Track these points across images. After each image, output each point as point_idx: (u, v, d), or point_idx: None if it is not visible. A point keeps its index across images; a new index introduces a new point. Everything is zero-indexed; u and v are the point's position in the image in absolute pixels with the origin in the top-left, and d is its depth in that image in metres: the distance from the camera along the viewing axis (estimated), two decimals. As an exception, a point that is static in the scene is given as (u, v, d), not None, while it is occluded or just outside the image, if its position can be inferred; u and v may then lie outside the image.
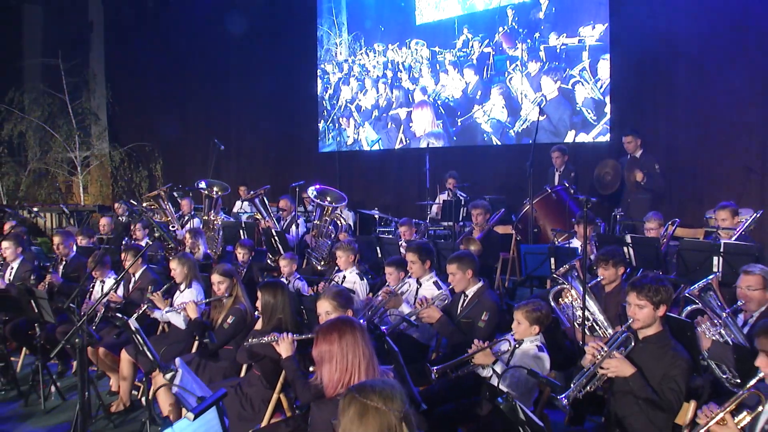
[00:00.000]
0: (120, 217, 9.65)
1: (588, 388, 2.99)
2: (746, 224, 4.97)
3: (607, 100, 8.09)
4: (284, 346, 3.35)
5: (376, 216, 8.79)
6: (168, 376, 2.78)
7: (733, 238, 4.90)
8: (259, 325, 4.02)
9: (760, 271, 3.58)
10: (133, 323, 3.94)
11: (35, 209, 11.75)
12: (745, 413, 2.35)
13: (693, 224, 6.97)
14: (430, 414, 3.35)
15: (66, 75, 14.11)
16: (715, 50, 7.69)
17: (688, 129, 7.98)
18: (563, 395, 2.95)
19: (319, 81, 11.80)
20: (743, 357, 3.00)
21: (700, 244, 4.76)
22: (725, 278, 4.31)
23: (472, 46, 9.07)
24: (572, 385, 3.00)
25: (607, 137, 8.25)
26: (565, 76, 8.31)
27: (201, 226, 8.10)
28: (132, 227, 8.06)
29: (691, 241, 5.05)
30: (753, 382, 2.39)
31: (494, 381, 3.32)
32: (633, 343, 3.02)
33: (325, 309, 3.38)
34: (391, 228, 8.43)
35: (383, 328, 3.72)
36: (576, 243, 5.93)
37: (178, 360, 3.03)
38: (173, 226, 7.85)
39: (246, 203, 10.05)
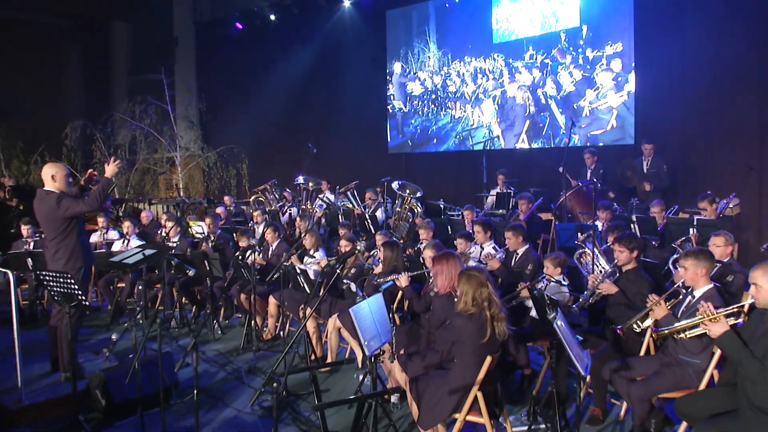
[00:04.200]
0: (230, 207, 11.87)
1: (590, 300, 4.90)
2: (722, 208, 6.71)
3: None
4: (403, 279, 5.34)
5: (442, 206, 10.58)
6: (347, 286, 4.84)
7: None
8: (378, 270, 5.98)
9: (724, 234, 5.08)
10: (299, 266, 6.04)
11: (154, 202, 14.15)
12: (672, 300, 4.21)
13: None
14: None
15: (167, 88, 16.37)
16: (717, 61, 9.01)
17: (696, 133, 9.35)
18: (575, 304, 4.89)
19: (391, 86, 13.94)
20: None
21: (681, 220, 6.45)
22: (699, 245, 6.04)
23: (536, 58, 11.72)
24: (580, 299, 4.94)
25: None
26: (590, 70, 10.95)
27: (299, 213, 10.20)
28: (250, 213, 10.26)
29: (674, 218, 6.72)
30: (680, 282, 4.23)
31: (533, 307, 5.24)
32: (618, 274, 4.92)
33: (429, 255, 5.38)
34: (455, 213, 10.25)
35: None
36: (598, 222, 7.16)
37: (345, 280, 5.10)
38: (286, 212, 9.95)
39: (329, 195, 12.13)
